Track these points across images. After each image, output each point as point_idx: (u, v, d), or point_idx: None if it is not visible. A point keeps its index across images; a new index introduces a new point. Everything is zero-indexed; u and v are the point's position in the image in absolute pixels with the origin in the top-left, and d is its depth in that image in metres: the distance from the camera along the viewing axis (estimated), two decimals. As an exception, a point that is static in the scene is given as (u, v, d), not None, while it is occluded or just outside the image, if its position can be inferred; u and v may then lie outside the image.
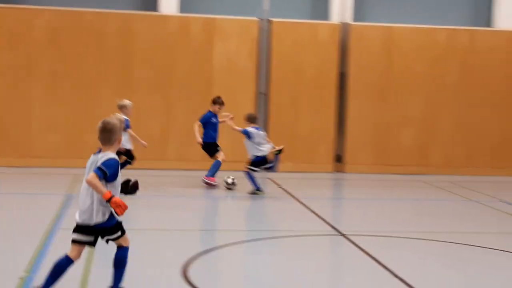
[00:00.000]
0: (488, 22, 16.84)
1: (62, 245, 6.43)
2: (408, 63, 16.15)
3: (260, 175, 12.69)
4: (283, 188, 13.06)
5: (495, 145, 16.32)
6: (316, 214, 10.65)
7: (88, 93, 15.37)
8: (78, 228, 5.67)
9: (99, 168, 5.53)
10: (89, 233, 5.66)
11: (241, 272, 7.52)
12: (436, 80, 16.23)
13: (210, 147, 12.76)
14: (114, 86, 15.41)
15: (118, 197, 5.53)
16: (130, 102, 12.24)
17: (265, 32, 15.84)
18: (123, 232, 5.78)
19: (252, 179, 12.03)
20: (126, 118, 11.73)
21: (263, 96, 15.91)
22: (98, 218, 5.60)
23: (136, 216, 10.04)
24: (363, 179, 15.19)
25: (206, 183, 12.61)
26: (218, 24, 15.75)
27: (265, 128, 16.17)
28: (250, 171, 12.04)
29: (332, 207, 12.43)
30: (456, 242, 8.95)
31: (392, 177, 15.43)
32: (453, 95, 16.27)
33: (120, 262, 5.79)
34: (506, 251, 8.52)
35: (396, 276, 7.22)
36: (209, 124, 12.67)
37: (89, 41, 15.39)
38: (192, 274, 6.92)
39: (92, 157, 5.71)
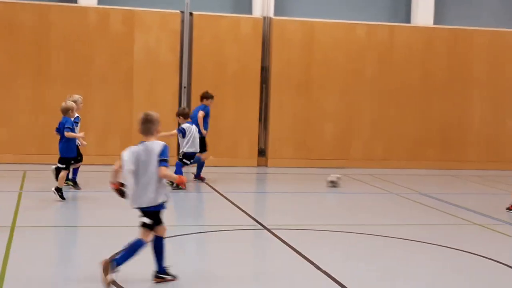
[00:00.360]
0: (406, 18, 17.26)
1: None
2: (329, 57, 16.38)
3: (185, 169, 12.64)
4: (206, 183, 13.03)
5: (411, 138, 16.77)
6: (240, 208, 10.68)
7: (1, 87, 14.91)
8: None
9: (163, 161, 6.32)
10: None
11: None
12: (356, 75, 16.52)
13: (202, 142, 12.89)
14: (30, 80, 15.00)
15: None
16: (80, 96, 11.81)
17: (187, 25, 15.73)
18: (160, 222, 6.52)
19: (180, 173, 12.05)
20: (78, 115, 11.36)
21: (185, 90, 15.81)
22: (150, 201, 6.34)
23: (58, 213, 9.79)
24: (286, 173, 15.33)
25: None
26: (139, 16, 15.55)
27: (187, 122, 16.08)
28: (183, 164, 12.26)
29: (255, 201, 12.48)
30: (376, 234, 9.15)
31: (313, 171, 15.62)
32: (372, 90, 16.61)
33: (159, 249, 6.55)
34: (423, 242, 8.77)
35: (319, 268, 7.33)
36: (206, 119, 13.08)
37: (1, 33, 14.91)
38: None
39: (137, 148, 6.36)
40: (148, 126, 6.44)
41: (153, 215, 6.45)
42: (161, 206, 6.48)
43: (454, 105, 16.90)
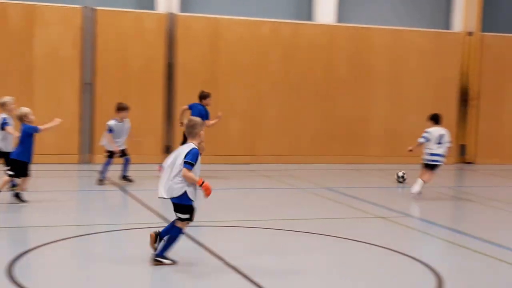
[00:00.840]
0: (309, 16, 17.59)
1: None
2: (234, 54, 16.49)
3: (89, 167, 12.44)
4: (110, 181, 12.84)
5: (316, 134, 17.12)
6: (147, 206, 10.60)
7: None
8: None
9: (188, 163, 6.97)
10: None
11: (67, 268, 7.32)
12: (261, 71, 16.71)
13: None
14: None
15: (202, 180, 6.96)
16: (12, 98, 11.18)
17: (90, 21, 15.45)
18: (191, 218, 7.17)
19: (106, 169, 12.39)
20: (5, 116, 10.83)
21: (88, 86, 15.52)
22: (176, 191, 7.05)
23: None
24: (192, 170, 15.29)
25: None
26: (39, 11, 15.15)
27: (90, 120, 15.79)
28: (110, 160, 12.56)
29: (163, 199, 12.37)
30: (283, 228, 9.30)
31: (221, 167, 15.68)
32: (277, 86, 16.84)
33: (172, 236, 7.15)
34: (328, 235, 8.99)
35: (228, 264, 7.38)
36: (205, 117, 13.10)
37: None
38: (18, 273, 6.65)
39: (180, 148, 7.15)
40: (189, 130, 7.23)
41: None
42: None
43: (357, 101, 17.37)
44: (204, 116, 13.13)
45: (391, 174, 15.09)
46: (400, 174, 14.13)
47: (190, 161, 6.98)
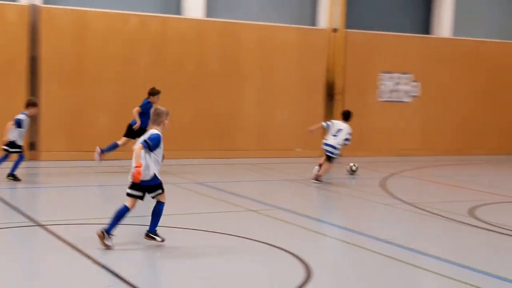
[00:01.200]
0: (178, 10, 17.49)
1: None
2: (101, 48, 16.13)
3: None
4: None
5: (186, 129, 17.04)
6: (10, 205, 10.17)
7: None
8: (132, 185, 7.85)
9: (144, 141, 7.77)
10: (139, 189, 7.87)
11: None
12: (130, 65, 16.45)
13: (140, 132, 12.66)
14: None
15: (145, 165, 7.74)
16: None
17: None
18: (163, 191, 8.00)
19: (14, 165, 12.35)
20: None
21: None
22: (145, 177, 7.76)
23: None
24: (58, 167, 14.85)
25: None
26: None
27: None
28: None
29: (27, 197, 11.95)
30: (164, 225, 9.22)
31: (87, 164, 15.29)
32: (147, 81, 16.59)
33: (157, 213, 7.99)
34: (193, 229, 9.01)
35: (96, 262, 7.23)
36: (147, 113, 13.02)
37: None
38: None
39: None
40: (155, 118, 8.09)
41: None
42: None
43: (228, 96, 17.49)
44: (141, 105, 13.72)
45: (263, 168, 15.32)
46: (354, 168, 14.86)
47: (147, 141, 7.81)
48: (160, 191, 8.02)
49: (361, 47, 18.88)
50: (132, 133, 13.78)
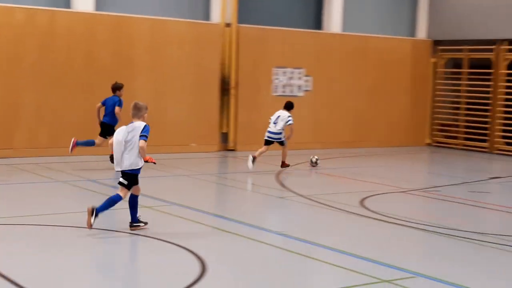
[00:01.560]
0: (67, 3, 17.01)
1: None
2: (-14, 42, 15.48)
3: None
4: None
5: (76, 125, 16.59)
6: None
7: None
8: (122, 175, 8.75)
9: (144, 136, 8.64)
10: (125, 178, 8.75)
11: None
12: (17, 60, 15.88)
13: (108, 129, 14.11)
14: None
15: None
16: None
17: None
18: (137, 183, 8.83)
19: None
20: None
21: None
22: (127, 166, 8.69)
23: None
24: None
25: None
26: None
27: None
28: None
29: None
30: (47, 224, 8.97)
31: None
32: (35, 76, 16.11)
33: (134, 204, 8.88)
34: (82, 227, 8.84)
35: (-17, 265, 6.96)
36: (120, 105, 14.11)
37: None
38: None
39: (126, 128, 8.74)
40: (136, 111, 8.86)
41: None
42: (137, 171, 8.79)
43: (119, 91, 17.17)
44: (119, 104, 14.18)
45: (158, 164, 15.18)
46: (314, 159, 15.82)
47: (146, 135, 8.68)
48: (136, 181, 8.88)
49: (254, 42, 19.03)
50: (105, 131, 14.25)
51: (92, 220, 8.48)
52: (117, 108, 14.13)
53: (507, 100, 20.54)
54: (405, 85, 21.72)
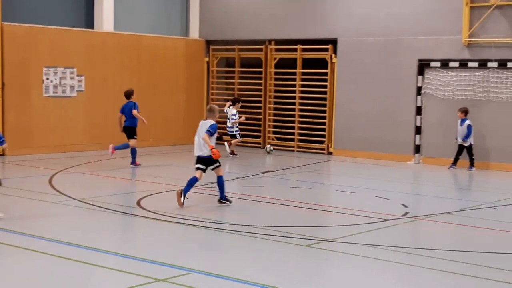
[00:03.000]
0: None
1: None
2: None
3: None
4: None
5: None
6: None
7: None
8: (197, 160, 11.54)
9: (208, 130, 11.32)
10: (202, 163, 11.50)
11: None
12: None
13: (130, 131, 16.33)
14: None
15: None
16: None
17: None
18: (219, 164, 11.56)
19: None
20: None
21: None
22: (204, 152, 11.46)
23: None
24: None
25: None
26: None
27: None
28: None
29: None
30: None
31: None
32: None
33: (221, 184, 11.60)
34: None
35: None
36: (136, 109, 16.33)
37: None
38: None
39: (202, 122, 11.58)
40: (209, 113, 11.63)
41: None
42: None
43: None
44: (135, 107, 16.19)
45: None
46: (268, 149, 20.16)
47: (210, 130, 11.34)
48: (218, 164, 11.53)
49: (22, 40, 18.29)
50: (130, 133, 16.30)
51: (182, 200, 11.21)
52: (134, 111, 16.06)
53: (276, 97, 21.79)
54: (181, 84, 22.16)
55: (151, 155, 18.93)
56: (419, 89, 18.76)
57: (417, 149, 18.91)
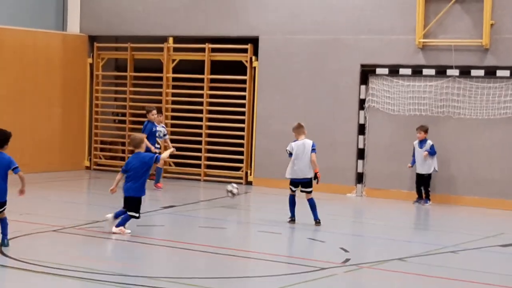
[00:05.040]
0: None
1: None
2: None
3: None
4: None
5: None
6: None
7: None
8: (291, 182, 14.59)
9: (314, 149, 14.23)
10: (294, 185, 14.55)
11: None
12: None
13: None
14: None
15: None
16: None
17: None
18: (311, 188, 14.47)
19: None
20: None
21: None
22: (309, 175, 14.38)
23: None
24: None
25: None
26: None
27: None
28: None
29: None
30: None
31: None
32: None
33: (313, 205, 14.36)
34: None
35: None
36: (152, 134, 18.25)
37: None
38: None
39: (301, 142, 14.35)
40: (298, 130, 14.52)
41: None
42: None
43: None
44: (145, 129, 18.12)
45: None
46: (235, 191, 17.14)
47: (315, 149, 14.19)
48: (310, 188, 14.30)
49: None
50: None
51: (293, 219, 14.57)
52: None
53: (175, 110, 21.64)
54: (56, 93, 21.64)
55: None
56: (362, 102, 18.98)
57: (360, 178, 19.09)
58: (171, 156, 21.18)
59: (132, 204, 12.67)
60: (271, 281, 10.10)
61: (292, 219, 14.50)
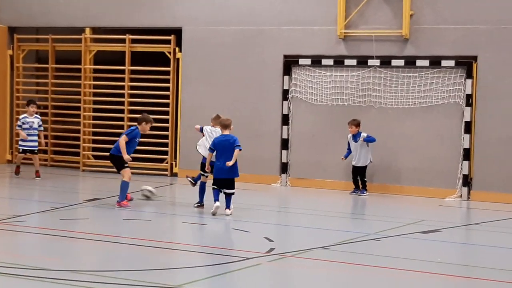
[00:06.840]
0: None
1: None
2: None
3: None
4: None
5: None
6: None
7: None
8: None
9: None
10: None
11: None
12: None
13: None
14: None
15: None
16: None
17: None
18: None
19: None
20: None
21: None
22: None
23: None
24: None
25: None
26: None
27: None
28: None
29: None
30: None
31: None
32: None
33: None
34: None
35: None
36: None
37: None
38: None
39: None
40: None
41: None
42: None
43: None
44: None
45: None
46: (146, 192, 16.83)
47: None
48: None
49: None
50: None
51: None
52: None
53: (96, 102, 21.48)
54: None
55: None
56: (285, 93, 19.15)
57: (284, 168, 19.26)
58: (93, 149, 21.12)
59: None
60: (196, 272, 10.12)
61: (201, 204, 15.34)
